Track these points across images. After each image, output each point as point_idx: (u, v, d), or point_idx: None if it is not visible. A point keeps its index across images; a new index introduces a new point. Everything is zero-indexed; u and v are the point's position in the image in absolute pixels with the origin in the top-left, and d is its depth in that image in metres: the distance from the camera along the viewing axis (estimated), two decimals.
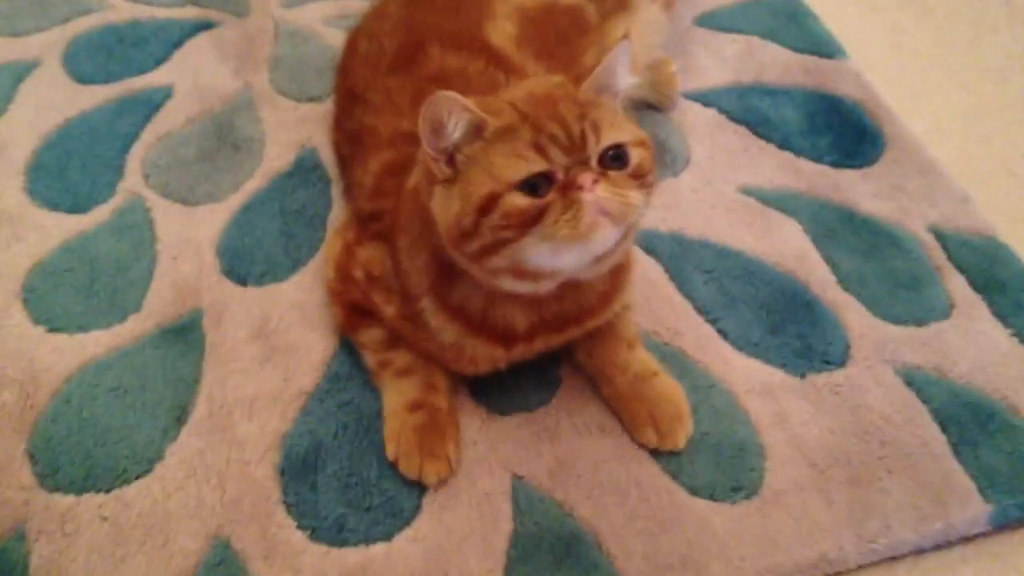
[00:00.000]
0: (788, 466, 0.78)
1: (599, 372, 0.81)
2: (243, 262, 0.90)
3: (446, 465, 0.76)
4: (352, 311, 0.81)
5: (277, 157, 0.99)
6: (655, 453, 0.78)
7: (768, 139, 1.05)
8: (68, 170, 0.96)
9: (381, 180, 0.78)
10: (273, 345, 0.84)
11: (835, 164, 1.03)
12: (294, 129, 1.02)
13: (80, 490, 0.74)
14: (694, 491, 0.76)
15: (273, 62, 1.10)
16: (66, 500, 0.74)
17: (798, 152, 1.04)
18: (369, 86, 0.84)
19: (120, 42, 1.10)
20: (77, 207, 0.93)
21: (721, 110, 1.08)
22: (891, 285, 0.92)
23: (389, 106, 0.81)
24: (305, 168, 0.98)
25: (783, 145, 1.05)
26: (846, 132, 1.06)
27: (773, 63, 1.14)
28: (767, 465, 0.78)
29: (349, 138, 0.87)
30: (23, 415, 0.78)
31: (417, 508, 0.75)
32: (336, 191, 0.97)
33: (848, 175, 1.02)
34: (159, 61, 1.09)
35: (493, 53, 0.84)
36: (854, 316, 0.89)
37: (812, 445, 0.79)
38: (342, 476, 0.76)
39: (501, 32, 0.86)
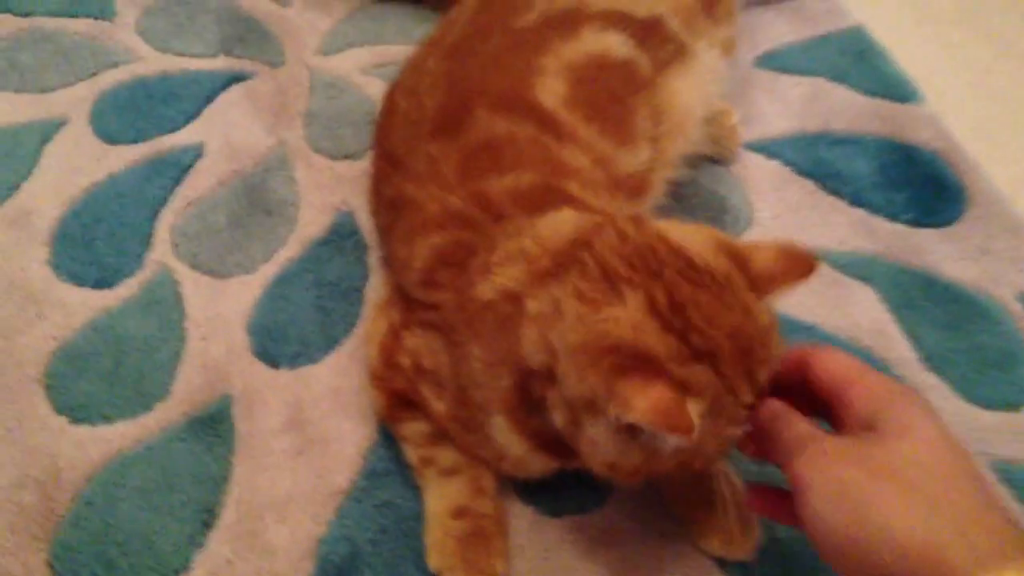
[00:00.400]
0: None
1: None
2: (275, 342, 0.84)
3: None
4: (395, 400, 0.75)
5: (312, 222, 0.94)
6: (722, 562, 0.72)
7: (838, 195, 0.97)
8: (95, 240, 0.92)
9: (433, 269, 0.70)
10: (307, 436, 0.78)
11: (913, 223, 0.95)
12: (329, 190, 0.97)
13: None
14: None
15: (308, 117, 1.04)
16: None
17: (872, 209, 0.96)
18: (410, 150, 0.78)
19: (149, 98, 1.05)
20: (103, 281, 0.89)
21: (786, 162, 1.00)
22: (979, 363, 0.84)
23: (433, 176, 0.74)
24: (341, 234, 0.93)
25: (855, 201, 0.97)
26: (924, 186, 0.98)
27: (842, 109, 1.05)
28: None
29: (388, 206, 0.81)
30: (44, 520, 0.73)
31: None
32: (373, 259, 0.91)
33: (928, 235, 0.94)
34: (190, 118, 1.03)
35: (543, 116, 0.77)
36: (940, 400, 0.81)
37: None
38: None
39: (551, 91, 0.79)
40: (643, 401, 0.51)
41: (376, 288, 0.89)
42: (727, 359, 0.55)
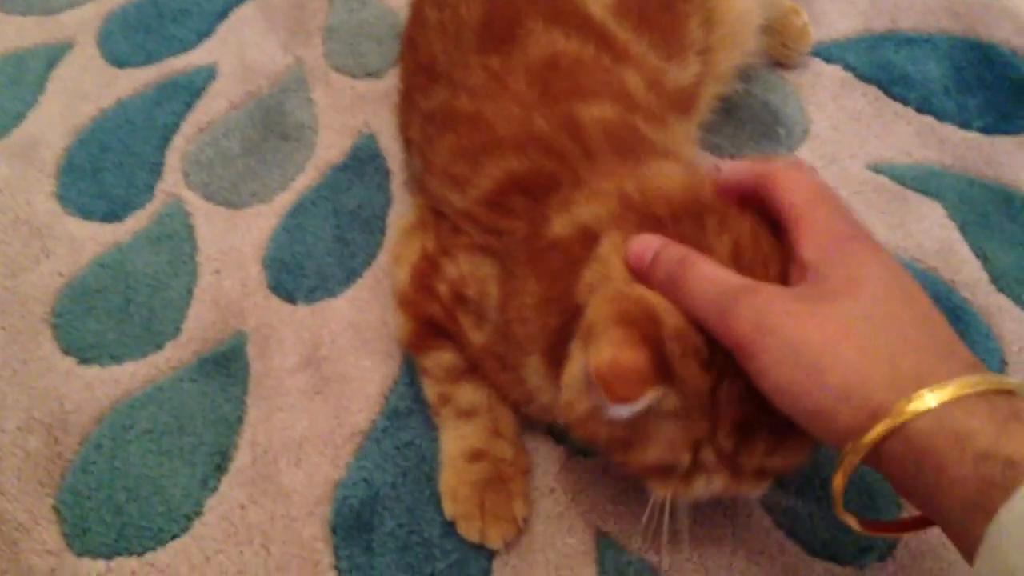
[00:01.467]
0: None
1: None
2: (292, 275, 0.80)
3: (513, 526, 0.65)
4: (425, 326, 0.69)
5: (331, 146, 0.88)
6: (766, 504, 0.66)
7: (905, 101, 0.88)
8: (103, 171, 0.87)
9: (506, 193, 0.63)
10: (324, 375, 0.74)
11: (987, 130, 0.85)
12: (350, 112, 0.90)
13: (111, 553, 0.66)
14: (813, 551, 0.64)
15: (327, 32, 0.97)
16: (96, 566, 0.66)
17: (942, 116, 0.87)
18: (455, 62, 0.71)
19: (159, 16, 1.00)
20: (112, 214, 0.84)
21: (847, 66, 0.91)
22: None
23: (499, 92, 0.67)
24: (362, 159, 0.87)
25: (923, 108, 0.87)
26: (1001, 89, 0.88)
27: (912, 3, 0.95)
28: (904, 515, 0.65)
29: (428, 119, 0.73)
30: (51, 465, 0.70)
31: (487, 573, 0.65)
32: (396, 185, 0.85)
33: (1003, 144, 0.85)
34: (202, 36, 0.98)
35: (597, 30, 0.69)
36: (1012, 324, 0.74)
37: None
38: (401, 535, 0.66)
39: (599, 0, 0.71)
40: (608, 352, 0.47)
41: (401, 214, 0.83)
42: (734, 395, 0.49)
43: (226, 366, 0.75)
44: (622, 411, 0.47)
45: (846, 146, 0.85)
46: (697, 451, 0.51)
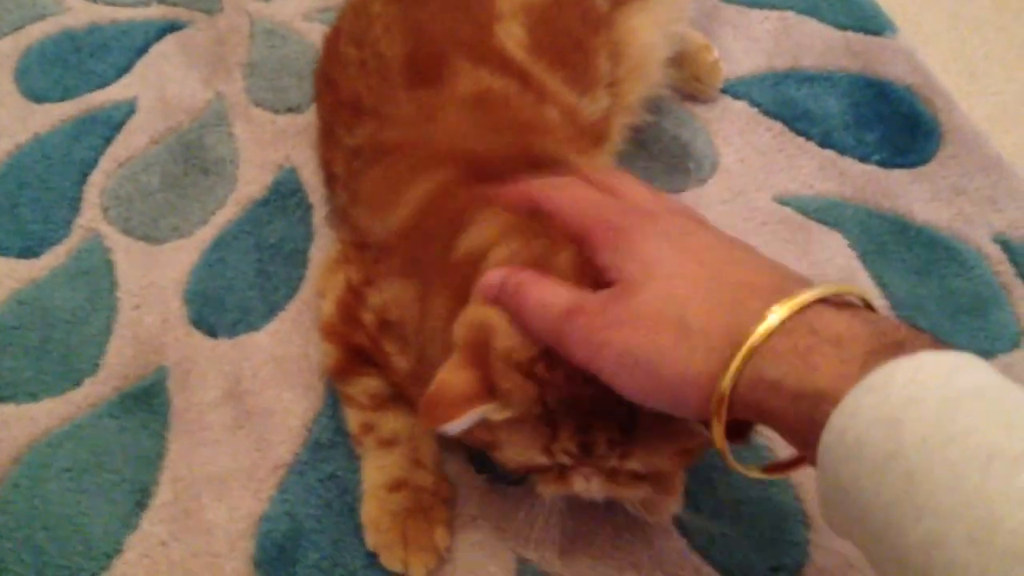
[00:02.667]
0: (836, 538, 0.67)
1: None
2: (214, 309, 0.80)
3: (435, 556, 0.66)
4: (351, 355, 0.71)
5: (252, 181, 0.89)
6: (681, 527, 0.68)
7: (807, 136, 0.92)
8: (19, 206, 0.86)
9: (424, 216, 0.66)
10: (246, 409, 0.74)
11: (884, 163, 0.90)
12: (271, 146, 0.91)
13: None
14: (727, 571, 0.66)
15: (248, 68, 0.98)
16: None
17: (842, 150, 0.91)
18: (384, 99, 0.72)
19: (77, 51, 0.99)
20: (29, 250, 0.83)
21: (753, 103, 0.95)
22: (951, 310, 0.80)
23: (431, 123, 0.70)
24: (283, 193, 0.87)
25: (824, 143, 0.92)
26: (897, 124, 0.93)
27: (812, 43, 1.00)
28: (812, 537, 0.68)
29: (354, 154, 0.75)
30: None
31: None
32: (318, 218, 0.86)
33: (899, 176, 0.89)
34: (121, 71, 0.97)
35: (517, 68, 0.72)
36: None
37: None
38: (325, 567, 0.67)
39: (512, 37, 0.73)
40: (439, 376, 0.51)
41: (322, 248, 0.84)
42: (557, 402, 0.51)
43: (147, 401, 0.75)
44: (449, 428, 0.51)
45: (753, 179, 0.89)
46: (549, 452, 0.54)
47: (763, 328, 0.42)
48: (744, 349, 0.42)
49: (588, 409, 0.51)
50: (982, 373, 0.38)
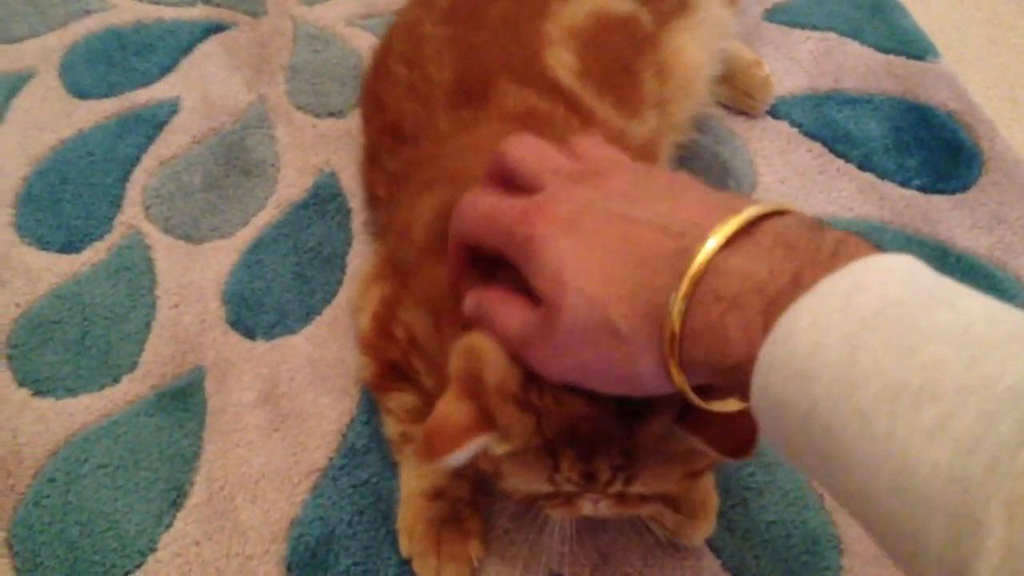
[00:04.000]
0: (870, 564, 0.67)
1: None
2: (252, 311, 0.80)
3: (468, 567, 0.66)
4: (387, 369, 0.70)
5: (292, 184, 0.89)
6: (715, 548, 0.68)
7: (847, 158, 0.92)
8: (62, 201, 0.87)
9: (435, 234, 0.64)
10: (282, 412, 0.74)
11: (925, 189, 0.90)
12: (312, 150, 0.92)
13: None
14: None
15: (290, 71, 0.99)
16: None
17: (882, 174, 0.91)
18: (424, 126, 0.72)
19: (122, 48, 1.00)
20: (70, 246, 0.84)
21: (793, 123, 0.95)
22: None
23: (466, 134, 0.69)
24: (323, 197, 0.88)
25: (864, 165, 0.91)
26: (938, 149, 0.92)
27: (854, 66, 1.00)
28: (844, 563, 0.67)
29: (393, 180, 0.74)
30: (2, 498, 0.70)
31: None
32: (357, 224, 0.86)
33: (940, 202, 0.89)
34: (165, 70, 0.98)
35: (565, 93, 0.71)
36: None
37: None
38: (356, 573, 0.67)
39: (563, 64, 0.73)
40: (437, 408, 0.50)
41: (360, 254, 0.84)
42: (556, 431, 0.50)
43: (183, 401, 0.75)
44: (450, 461, 0.50)
45: (792, 200, 0.89)
46: (553, 481, 0.53)
47: (676, 313, 0.40)
48: (668, 338, 0.41)
49: (587, 436, 0.50)
50: (884, 284, 0.36)
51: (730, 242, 0.40)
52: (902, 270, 0.37)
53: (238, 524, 0.69)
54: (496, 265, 0.51)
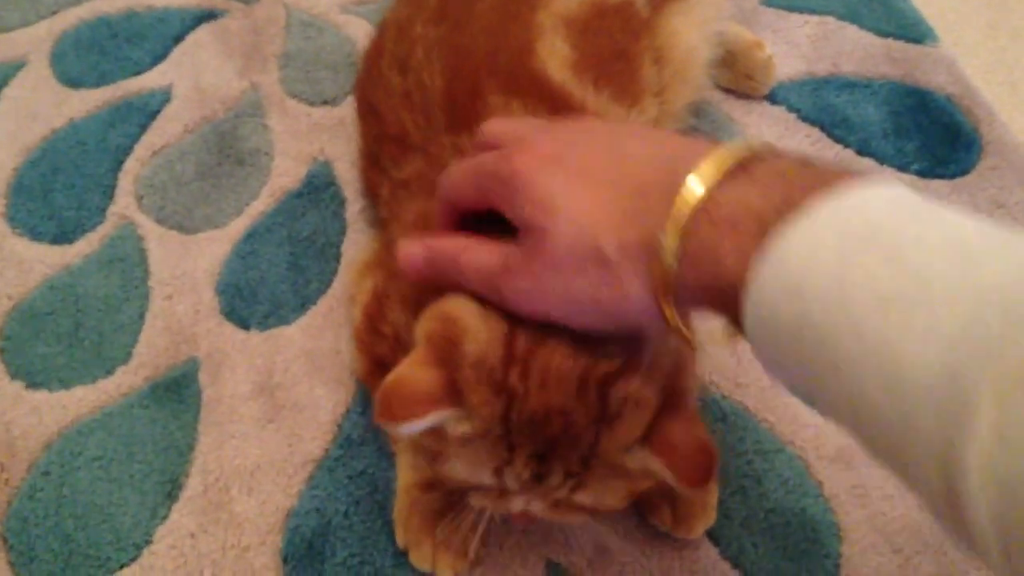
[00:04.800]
0: (869, 552, 0.67)
1: None
2: (246, 301, 0.80)
3: (463, 557, 0.66)
4: (377, 365, 0.69)
5: (286, 173, 0.88)
6: (713, 536, 0.68)
7: (846, 143, 0.91)
8: (53, 192, 0.86)
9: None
10: (277, 403, 0.74)
11: (923, 174, 0.89)
12: (306, 139, 0.91)
13: None
14: None
15: (283, 59, 0.98)
16: None
17: (881, 159, 0.90)
18: (430, 139, 0.70)
19: (113, 37, 0.99)
20: (62, 236, 0.83)
21: (791, 108, 0.94)
22: None
23: None
24: (317, 186, 0.87)
25: (863, 151, 0.91)
26: (937, 134, 0.92)
27: (852, 50, 0.99)
28: (844, 550, 0.67)
29: (402, 186, 0.72)
30: None
31: None
32: (351, 213, 0.85)
33: (939, 187, 0.88)
34: (157, 59, 0.97)
35: (555, 93, 0.69)
36: None
37: (896, 526, 0.68)
38: (353, 564, 0.67)
39: (556, 56, 0.71)
40: (401, 370, 0.49)
41: (355, 243, 0.83)
42: (524, 420, 0.49)
43: (178, 392, 0.74)
44: (405, 428, 0.48)
45: None
46: (500, 475, 0.52)
47: (670, 240, 0.41)
48: (661, 265, 0.41)
49: (553, 434, 0.48)
50: (876, 206, 0.37)
51: (723, 174, 0.41)
52: (893, 193, 0.38)
53: (234, 516, 0.69)
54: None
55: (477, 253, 0.49)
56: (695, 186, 0.41)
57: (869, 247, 0.35)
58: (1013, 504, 0.29)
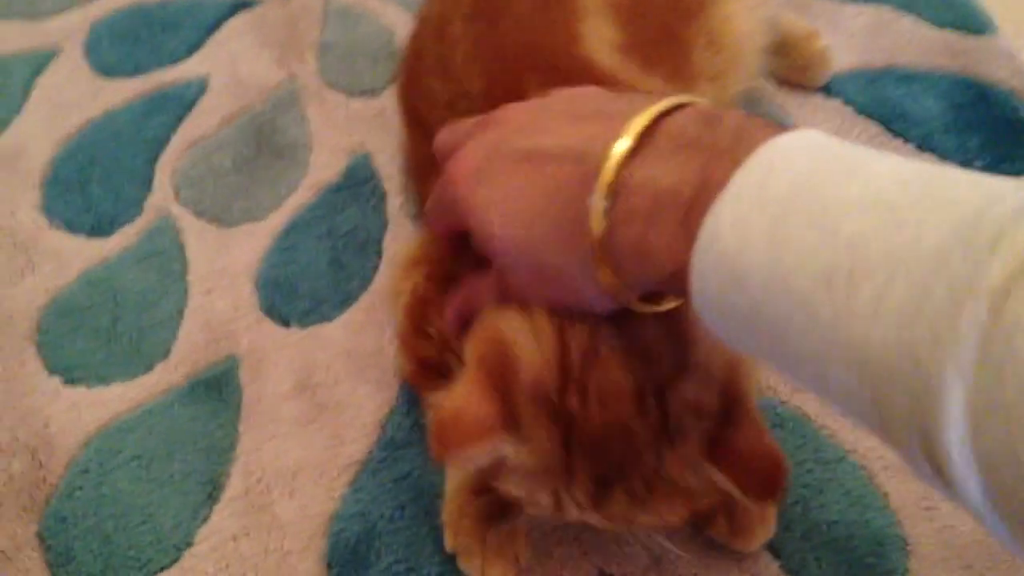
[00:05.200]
0: (938, 567, 0.64)
1: None
2: (285, 297, 0.77)
3: (513, 565, 0.64)
4: (423, 368, 0.67)
5: (325, 166, 0.86)
6: (774, 549, 0.65)
7: (906, 138, 0.88)
8: (90, 184, 0.85)
9: None
10: (319, 402, 0.72)
11: (989, 169, 0.84)
12: (344, 130, 0.88)
13: None
14: None
15: (321, 48, 0.95)
16: None
17: (943, 154, 0.86)
18: None
19: (148, 26, 0.97)
20: (99, 229, 0.82)
21: (847, 101, 0.90)
22: None
23: None
24: (357, 180, 0.85)
25: (923, 145, 0.87)
26: (1000, 128, 0.88)
27: (910, 41, 0.95)
28: (912, 565, 0.64)
29: None
30: (34, 490, 0.68)
31: None
32: (392, 207, 0.83)
33: None
34: (192, 48, 0.95)
35: (605, 79, 0.64)
36: None
37: (966, 540, 0.65)
38: (399, 571, 0.64)
39: (600, 39, 0.68)
40: (457, 399, 0.47)
41: (397, 238, 0.81)
42: (585, 443, 0.47)
43: (218, 390, 0.73)
44: (463, 460, 0.47)
45: None
46: (557, 497, 0.50)
47: (598, 233, 0.41)
48: (594, 260, 0.41)
49: (615, 456, 0.47)
50: (791, 165, 0.36)
51: (634, 152, 0.40)
52: (806, 146, 0.37)
53: (276, 518, 0.67)
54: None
55: (477, 294, 0.52)
56: (607, 175, 0.40)
57: (796, 217, 0.34)
58: (999, 481, 0.29)
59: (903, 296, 0.31)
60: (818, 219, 0.33)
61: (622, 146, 0.40)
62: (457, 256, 0.55)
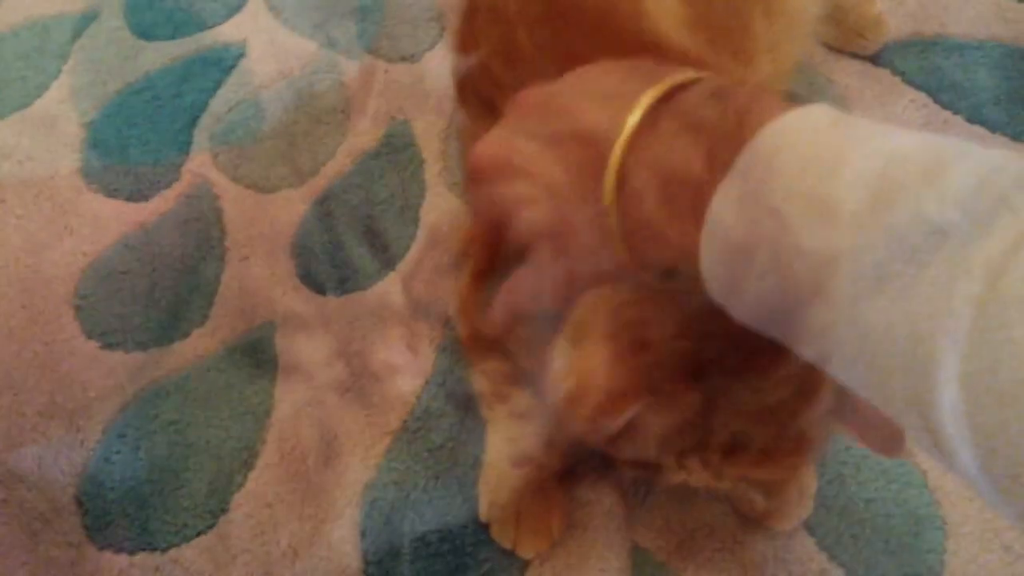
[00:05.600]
0: (976, 548, 0.63)
1: None
2: (322, 265, 0.77)
3: (546, 539, 0.64)
4: (477, 339, 0.66)
5: (364, 132, 0.85)
6: (809, 526, 0.64)
7: (955, 110, 0.85)
8: (128, 148, 0.85)
9: None
10: (354, 371, 0.72)
11: None
12: (383, 97, 0.88)
13: (134, 548, 0.65)
14: (855, 574, 0.63)
15: (361, 13, 0.94)
16: (118, 560, 0.64)
17: (992, 127, 0.84)
18: None
19: None
20: (138, 194, 0.82)
21: (896, 71, 0.88)
22: None
23: None
24: (395, 146, 0.84)
25: (973, 118, 0.85)
26: None
27: (961, 8, 0.92)
28: (949, 545, 0.63)
29: None
30: (72, 453, 0.69)
31: None
32: (430, 174, 0.82)
33: None
34: (232, 11, 0.95)
35: (674, 56, 0.62)
36: None
37: (1005, 522, 0.64)
38: (432, 540, 0.65)
39: (669, 14, 0.65)
40: (593, 364, 0.46)
41: (436, 207, 0.80)
42: (726, 407, 0.46)
43: (253, 356, 0.73)
44: (604, 426, 0.46)
45: None
46: (683, 457, 0.49)
47: (611, 213, 0.40)
48: (615, 239, 0.41)
49: (751, 423, 0.46)
50: (796, 144, 0.35)
51: (643, 132, 0.40)
52: (811, 125, 0.36)
53: (311, 486, 0.67)
54: None
55: (528, 289, 0.50)
56: (615, 158, 0.40)
57: (796, 199, 0.34)
58: (992, 452, 0.29)
59: (902, 269, 0.31)
60: (820, 200, 0.34)
61: (630, 127, 0.40)
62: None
